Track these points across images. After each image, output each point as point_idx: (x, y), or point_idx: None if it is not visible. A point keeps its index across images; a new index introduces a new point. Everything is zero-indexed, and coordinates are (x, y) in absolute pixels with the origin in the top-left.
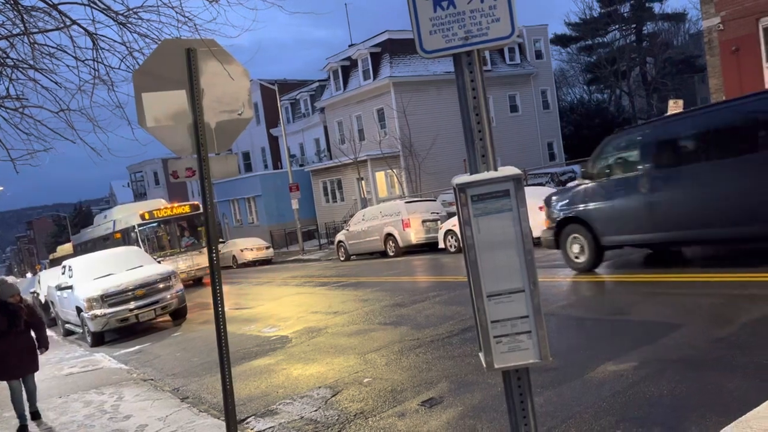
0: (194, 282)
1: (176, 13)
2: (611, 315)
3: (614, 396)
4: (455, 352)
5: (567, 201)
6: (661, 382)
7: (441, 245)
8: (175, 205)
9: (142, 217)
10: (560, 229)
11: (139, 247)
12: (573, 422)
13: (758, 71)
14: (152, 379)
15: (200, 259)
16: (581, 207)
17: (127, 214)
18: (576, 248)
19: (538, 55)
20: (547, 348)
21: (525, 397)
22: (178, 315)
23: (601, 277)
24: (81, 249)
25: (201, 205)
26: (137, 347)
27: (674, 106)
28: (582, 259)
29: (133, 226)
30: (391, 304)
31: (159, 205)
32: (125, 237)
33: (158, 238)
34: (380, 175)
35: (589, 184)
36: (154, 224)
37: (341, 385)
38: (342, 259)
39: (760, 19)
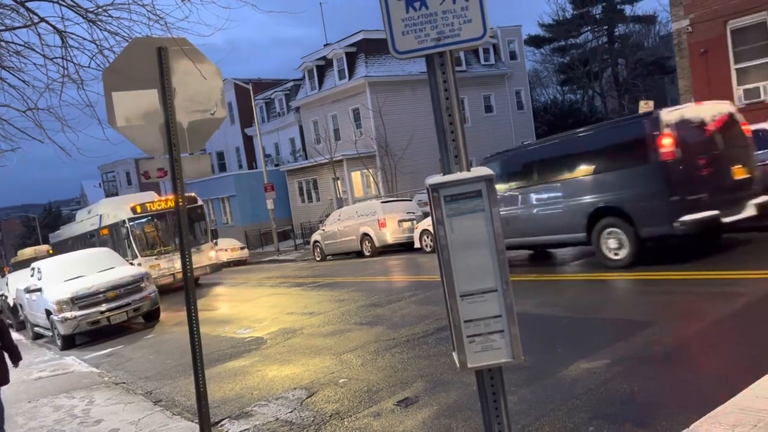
0: None
1: (147, 11)
2: (583, 313)
3: (587, 393)
4: (431, 352)
5: None
6: (633, 379)
7: (417, 245)
8: (170, 197)
9: (133, 210)
10: None
11: (130, 244)
12: (547, 420)
13: (726, 72)
14: (124, 383)
15: (198, 258)
16: None
17: (115, 208)
18: None
19: (513, 55)
20: (520, 347)
21: (498, 396)
22: (151, 317)
23: None
24: (61, 248)
25: (197, 198)
26: (109, 350)
27: (645, 107)
28: None
29: (123, 221)
30: (367, 304)
31: (151, 197)
32: (114, 233)
33: (151, 235)
34: (356, 175)
35: None
36: (147, 218)
37: (317, 386)
38: (318, 259)
39: (727, 22)
